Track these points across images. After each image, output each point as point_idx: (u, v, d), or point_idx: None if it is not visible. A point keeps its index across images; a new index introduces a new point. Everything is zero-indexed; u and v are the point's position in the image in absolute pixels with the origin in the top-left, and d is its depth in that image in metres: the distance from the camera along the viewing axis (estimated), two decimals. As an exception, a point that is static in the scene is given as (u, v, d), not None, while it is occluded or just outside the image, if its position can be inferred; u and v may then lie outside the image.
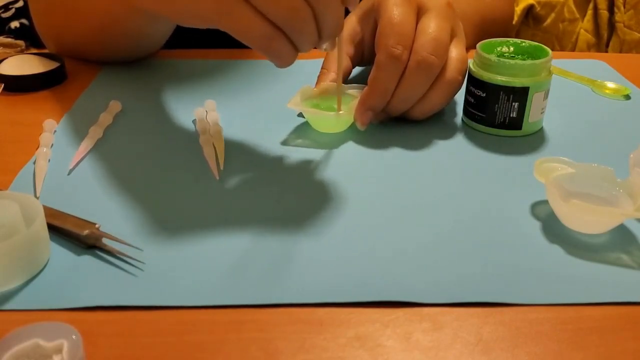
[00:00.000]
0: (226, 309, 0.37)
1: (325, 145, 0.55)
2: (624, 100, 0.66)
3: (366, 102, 0.55)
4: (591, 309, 0.37)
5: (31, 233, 0.38)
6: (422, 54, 0.53)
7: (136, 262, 0.40)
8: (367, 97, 0.54)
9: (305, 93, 0.57)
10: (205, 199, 0.47)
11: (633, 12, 0.97)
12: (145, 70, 0.71)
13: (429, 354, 0.34)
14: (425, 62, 0.53)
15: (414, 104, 0.56)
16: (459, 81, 0.56)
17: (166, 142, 0.56)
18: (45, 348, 0.31)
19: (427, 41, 0.53)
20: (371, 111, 0.55)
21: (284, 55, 0.44)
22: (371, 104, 0.55)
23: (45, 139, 0.54)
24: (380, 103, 0.55)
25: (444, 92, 0.55)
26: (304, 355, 0.34)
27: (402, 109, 0.56)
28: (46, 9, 0.71)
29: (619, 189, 0.45)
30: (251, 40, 0.44)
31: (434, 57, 0.53)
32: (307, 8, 0.43)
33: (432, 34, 0.53)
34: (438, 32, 0.54)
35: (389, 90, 0.54)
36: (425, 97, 0.55)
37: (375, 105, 0.55)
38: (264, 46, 0.44)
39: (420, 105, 0.56)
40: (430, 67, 0.53)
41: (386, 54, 0.53)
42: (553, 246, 0.43)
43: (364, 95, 0.55)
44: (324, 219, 0.45)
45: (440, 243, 0.43)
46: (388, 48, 0.53)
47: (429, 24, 0.54)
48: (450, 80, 0.55)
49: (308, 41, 0.44)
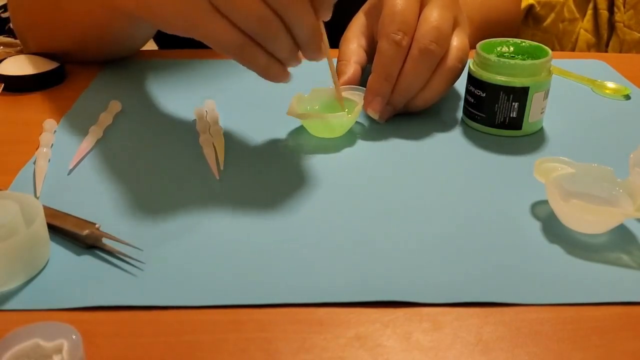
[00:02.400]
0: (226, 309, 0.37)
1: (325, 145, 0.55)
2: (624, 100, 0.66)
3: (373, 88, 0.56)
4: (591, 309, 0.37)
5: (31, 233, 0.38)
6: (423, 42, 0.54)
7: (136, 262, 0.40)
8: (373, 83, 0.56)
9: (299, 100, 0.57)
10: (205, 199, 0.47)
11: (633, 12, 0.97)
12: (145, 70, 0.71)
13: (429, 354, 0.34)
14: (426, 50, 0.54)
15: (416, 93, 0.57)
16: (458, 69, 0.57)
17: (166, 142, 0.56)
18: (45, 348, 0.31)
19: (428, 30, 0.54)
20: (380, 97, 0.56)
21: (261, 63, 0.46)
22: (378, 89, 0.56)
23: (45, 139, 0.54)
24: (386, 88, 0.56)
25: (444, 79, 0.57)
26: (304, 355, 0.34)
27: (405, 97, 0.57)
28: (28, 7, 0.70)
29: (619, 189, 0.45)
30: (224, 49, 0.45)
31: (435, 45, 0.54)
32: (276, 18, 0.44)
33: (433, 22, 0.55)
34: (440, 21, 0.55)
35: (393, 75, 0.55)
36: (427, 85, 0.57)
37: (382, 90, 0.56)
38: (237, 54, 0.45)
39: (422, 93, 0.57)
40: (431, 55, 0.54)
41: (387, 41, 0.54)
42: (553, 246, 0.43)
43: (369, 83, 0.56)
44: (324, 219, 0.45)
45: (440, 243, 0.43)
46: (389, 35, 0.54)
47: (432, 13, 0.55)
48: (451, 68, 0.56)
49: (283, 50, 0.46)
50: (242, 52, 0.45)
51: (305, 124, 0.56)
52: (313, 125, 0.56)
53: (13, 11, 0.74)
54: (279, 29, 0.44)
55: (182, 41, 0.52)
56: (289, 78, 0.48)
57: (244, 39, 0.44)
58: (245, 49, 0.45)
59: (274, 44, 0.45)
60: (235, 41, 0.44)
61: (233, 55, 0.46)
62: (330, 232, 0.44)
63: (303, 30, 0.45)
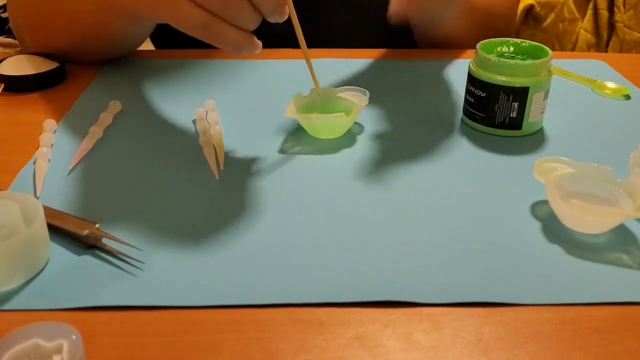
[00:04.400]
0: (226, 309, 0.37)
1: (325, 145, 0.55)
2: (624, 100, 0.66)
3: None
4: (591, 309, 0.37)
5: (31, 233, 0.38)
6: None
7: (136, 262, 0.40)
8: None
9: (297, 101, 0.57)
10: (205, 199, 0.47)
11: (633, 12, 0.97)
12: (145, 70, 0.71)
13: (429, 354, 0.34)
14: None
15: None
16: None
17: (166, 142, 0.56)
18: (45, 348, 0.31)
19: None
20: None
21: (230, 39, 0.47)
22: None
23: (45, 139, 0.54)
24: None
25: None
26: (304, 355, 0.34)
27: None
28: (25, 7, 0.70)
29: (619, 189, 0.45)
30: (189, 29, 0.47)
31: None
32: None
33: None
34: None
35: None
36: None
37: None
38: (202, 34, 0.47)
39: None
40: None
41: None
42: (553, 246, 0.43)
43: None
44: (324, 219, 0.45)
45: (440, 243, 0.43)
46: None
47: None
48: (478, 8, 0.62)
49: (249, 22, 0.47)
50: (209, 29, 0.46)
51: (305, 124, 0.56)
52: (312, 126, 0.56)
53: (11, 11, 0.74)
54: (242, 2, 0.45)
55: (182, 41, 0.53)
56: (260, 48, 0.49)
57: (210, 17, 0.46)
58: (213, 25, 0.46)
59: (240, 19, 0.46)
60: (201, 19, 0.46)
61: (202, 34, 0.47)
62: (330, 232, 0.44)
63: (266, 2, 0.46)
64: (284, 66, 0.72)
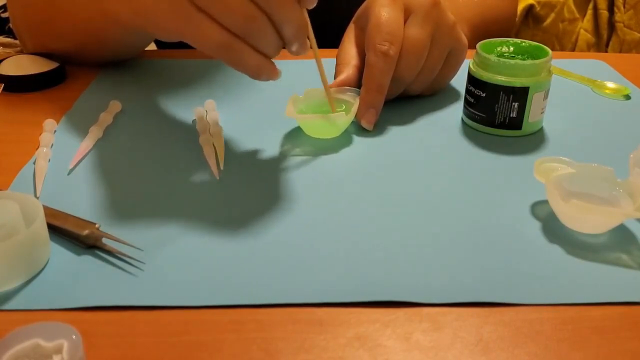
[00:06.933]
0: (226, 309, 0.37)
1: (325, 144, 0.55)
2: (624, 100, 0.66)
3: (365, 100, 0.56)
4: (591, 309, 0.37)
5: (31, 233, 0.38)
6: None
7: (136, 262, 0.40)
8: (365, 95, 0.56)
9: (296, 101, 0.57)
10: (205, 199, 0.47)
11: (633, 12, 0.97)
12: (145, 70, 0.71)
13: (429, 354, 0.34)
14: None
15: None
16: None
17: (166, 142, 0.56)
18: (45, 348, 0.31)
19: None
20: (373, 109, 0.56)
21: (249, 63, 0.46)
22: (370, 102, 0.56)
23: (45, 139, 0.54)
24: (378, 99, 0.56)
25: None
26: (304, 355, 0.34)
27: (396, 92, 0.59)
28: (25, 6, 0.70)
29: (619, 189, 0.45)
30: (210, 50, 0.45)
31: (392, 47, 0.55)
32: (262, 15, 0.44)
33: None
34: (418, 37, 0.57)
35: (384, 86, 0.56)
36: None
37: (375, 102, 0.56)
38: (223, 55, 0.45)
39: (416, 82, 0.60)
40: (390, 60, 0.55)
41: (375, 52, 0.55)
42: (553, 246, 0.43)
43: (362, 95, 0.56)
44: (323, 219, 0.45)
45: (440, 243, 0.43)
46: (375, 46, 0.55)
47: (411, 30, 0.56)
48: None
49: (270, 46, 0.46)
50: (230, 51, 0.45)
51: (303, 124, 0.56)
52: (311, 126, 0.56)
53: (11, 11, 0.74)
54: (265, 25, 0.44)
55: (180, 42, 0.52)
56: (279, 75, 0.48)
57: (232, 38, 0.44)
58: (234, 47, 0.44)
59: (260, 41, 0.45)
60: (223, 40, 0.44)
61: (223, 55, 0.45)
62: (329, 232, 0.44)
63: (290, 23, 0.45)
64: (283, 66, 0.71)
